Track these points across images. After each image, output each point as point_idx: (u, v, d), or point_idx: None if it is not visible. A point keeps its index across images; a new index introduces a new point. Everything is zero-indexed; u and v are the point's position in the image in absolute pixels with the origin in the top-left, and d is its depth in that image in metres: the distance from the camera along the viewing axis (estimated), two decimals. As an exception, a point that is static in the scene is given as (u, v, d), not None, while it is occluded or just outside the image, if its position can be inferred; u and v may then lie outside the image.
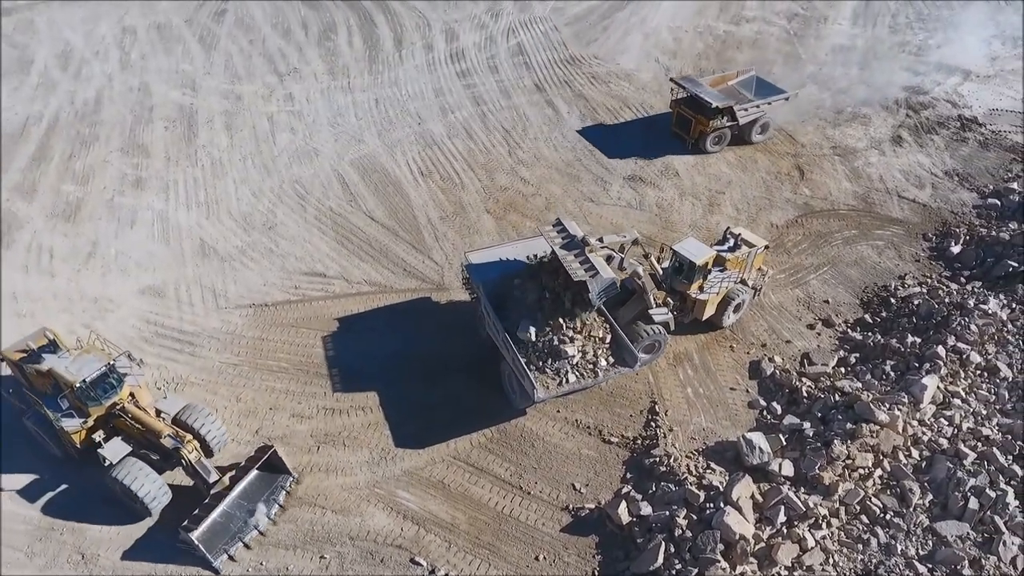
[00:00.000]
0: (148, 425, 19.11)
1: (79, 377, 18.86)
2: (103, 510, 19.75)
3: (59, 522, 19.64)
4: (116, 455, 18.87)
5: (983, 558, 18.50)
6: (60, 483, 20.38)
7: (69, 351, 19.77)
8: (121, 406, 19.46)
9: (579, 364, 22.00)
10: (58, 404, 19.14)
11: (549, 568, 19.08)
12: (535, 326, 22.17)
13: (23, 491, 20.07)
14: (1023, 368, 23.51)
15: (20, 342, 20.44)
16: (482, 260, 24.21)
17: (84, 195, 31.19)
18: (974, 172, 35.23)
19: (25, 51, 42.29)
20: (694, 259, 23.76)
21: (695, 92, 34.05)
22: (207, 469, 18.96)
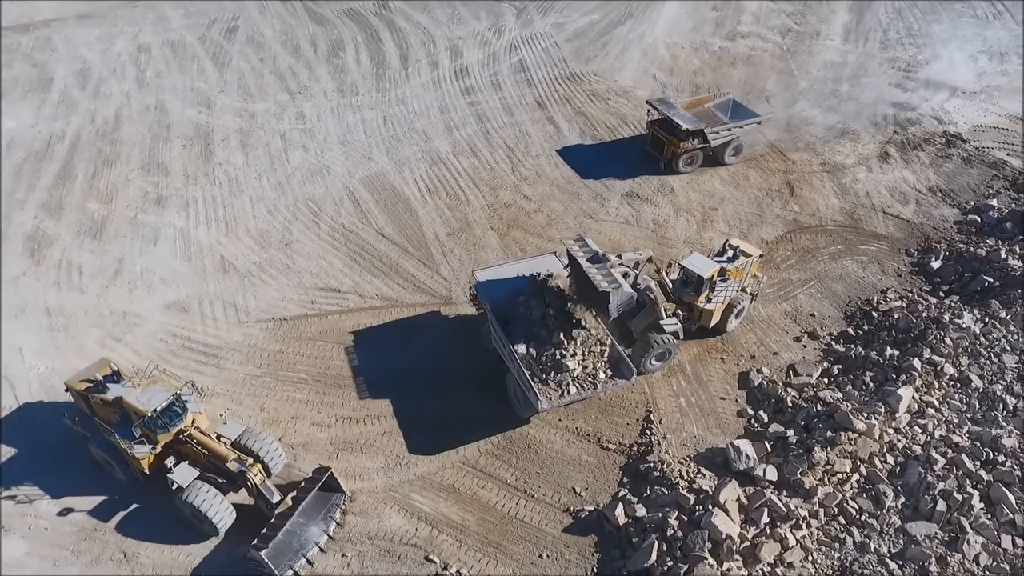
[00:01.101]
0: (213, 450, 20.66)
1: (150, 407, 20.18)
2: (171, 529, 21.20)
3: (131, 541, 21.09)
4: (185, 479, 20.31)
5: (949, 556, 20.35)
6: (130, 504, 21.86)
7: (131, 380, 21.27)
8: (187, 433, 20.92)
9: (579, 377, 23.87)
10: (128, 432, 20.55)
11: (552, 565, 20.93)
12: (536, 341, 24.13)
13: (94, 511, 21.59)
14: (994, 379, 25.37)
15: (82, 372, 21.94)
16: (489, 278, 26.02)
17: (108, 213, 33.02)
18: (957, 188, 37.08)
19: (44, 69, 44.12)
20: (702, 273, 25.74)
21: (668, 114, 35.74)
22: (271, 491, 20.42)
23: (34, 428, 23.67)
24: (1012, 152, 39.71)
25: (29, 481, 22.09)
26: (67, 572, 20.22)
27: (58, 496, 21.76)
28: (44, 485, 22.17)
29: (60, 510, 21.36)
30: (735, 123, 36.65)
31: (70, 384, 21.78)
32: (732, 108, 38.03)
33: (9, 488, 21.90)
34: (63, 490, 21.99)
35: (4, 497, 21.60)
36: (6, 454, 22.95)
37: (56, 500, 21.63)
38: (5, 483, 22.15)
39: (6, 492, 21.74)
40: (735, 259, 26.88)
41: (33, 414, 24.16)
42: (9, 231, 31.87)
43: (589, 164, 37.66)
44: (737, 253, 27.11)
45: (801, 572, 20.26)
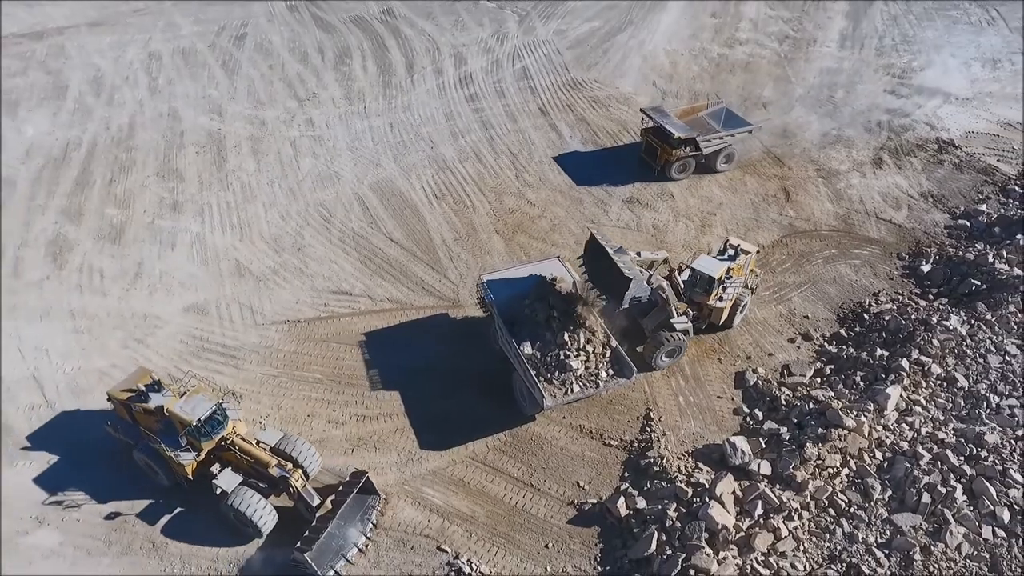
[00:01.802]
0: (255, 457, 21.66)
1: (194, 416, 21.17)
2: (215, 531, 22.27)
3: (173, 542, 22.20)
4: (230, 485, 21.33)
5: (932, 545, 21.64)
6: (174, 507, 22.99)
7: (171, 389, 22.32)
8: (230, 440, 22.03)
9: (582, 376, 25.19)
10: (172, 439, 21.67)
11: (557, 555, 22.22)
12: (541, 342, 25.54)
13: (141, 514, 22.74)
14: (978, 379, 26.66)
15: (123, 382, 23.04)
16: (496, 281, 27.33)
17: (127, 218, 34.32)
18: (948, 193, 38.36)
19: (59, 77, 45.46)
20: (712, 273, 27.20)
21: (661, 122, 37.04)
22: (311, 495, 21.39)
23: (71, 434, 24.89)
24: (1002, 158, 40.97)
25: (73, 486, 23.17)
26: (99, 561, 21.47)
27: (104, 500, 22.88)
28: (88, 490, 23.23)
29: (108, 514, 22.50)
30: (727, 132, 37.86)
31: (112, 393, 22.79)
32: (725, 117, 39.18)
33: (55, 493, 23.00)
34: (107, 494, 23.07)
35: (50, 502, 22.69)
36: (48, 460, 24.03)
37: (103, 504, 22.75)
38: (49, 488, 23.26)
39: (52, 497, 22.83)
40: (736, 257, 28.36)
41: (69, 420, 25.40)
42: (30, 236, 33.17)
43: (591, 170, 38.94)
44: (738, 251, 28.60)
45: (793, 561, 21.56)
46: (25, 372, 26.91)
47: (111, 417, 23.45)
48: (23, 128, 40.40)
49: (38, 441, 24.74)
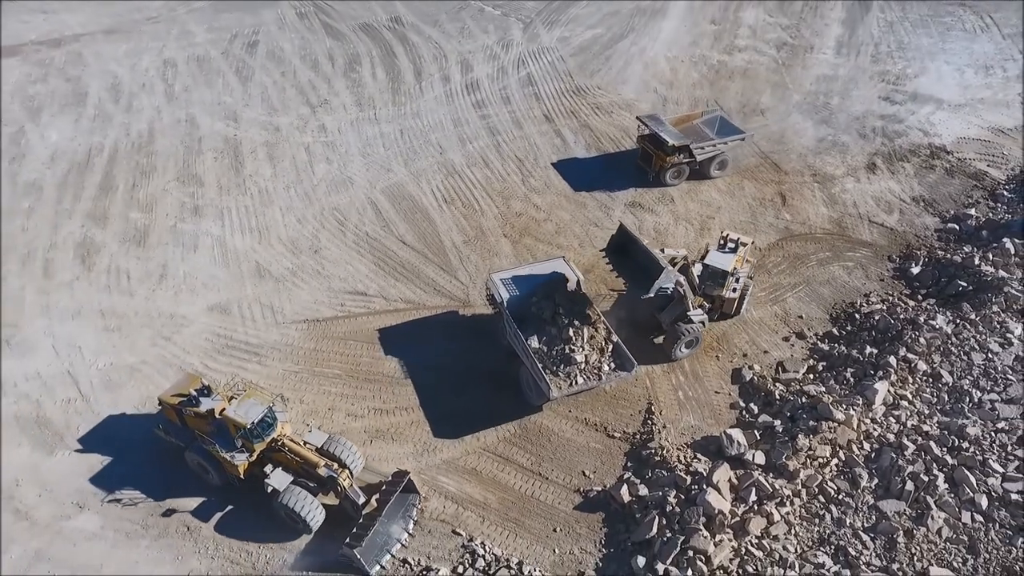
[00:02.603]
0: (305, 457, 22.94)
1: (248, 420, 22.41)
2: (267, 527, 23.63)
3: (206, 526, 23.79)
4: (281, 484, 22.69)
5: (915, 529, 23.31)
6: (226, 505, 24.42)
7: (220, 393, 23.75)
8: (281, 442, 23.30)
9: (585, 369, 26.98)
10: (226, 441, 22.97)
11: (564, 538, 23.92)
12: (548, 337, 27.43)
13: (194, 512, 24.14)
14: (962, 375, 28.36)
15: (172, 387, 24.44)
16: (504, 280, 29.11)
17: (150, 222, 36.04)
18: (938, 198, 40.06)
19: (78, 84, 47.20)
20: (725, 267, 29.42)
21: (656, 130, 38.72)
22: (358, 493, 22.69)
23: (107, 425, 26.61)
24: (992, 163, 42.67)
25: (128, 486, 24.67)
26: (138, 543, 23.17)
27: (160, 499, 24.39)
28: (129, 478, 24.84)
29: (164, 511, 24.01)
30: (720, 139, 39.48)
31: (163, 398, 23.96)
32: (719, 124, 40.72)
33: (112, 492, 24.51)
34: (161, 492, 24.60)
35: (109, 500, 24.20)
36: (101, 462, 25.56)
37: (159, 502, 24.27)
38: (88, 476, 24.92)
39: (110, 496, 24.33)
40: (736, 249, 30.38)
41: (104, 411, 27.14)
42: (59, 239, 34.88)
43: (594, 175, 40.65)
44: (737, 244, 30.66)
45: (785, 544, 23.26)
46: (60, 368, 28.62)
47: (159, 420, 24.79)
48: (47, 134, 42.15)
49: (74, 432, 26.43)
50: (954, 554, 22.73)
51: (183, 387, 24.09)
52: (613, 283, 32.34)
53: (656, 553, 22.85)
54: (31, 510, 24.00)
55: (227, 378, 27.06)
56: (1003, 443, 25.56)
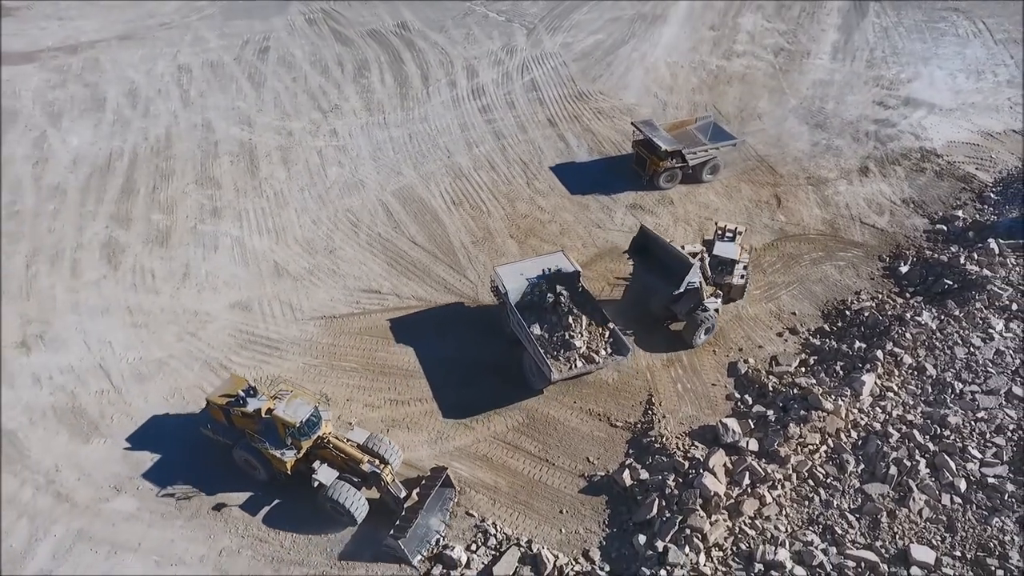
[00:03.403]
0: (349, 454, 24.47)
1: (297, 419, 23.83)
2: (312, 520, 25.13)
3: (236, 508, 25.51)
4: (327, 479, 24.27)
5: (897, 510, 25.17)
6: (272, 499, 25.88)
7: (265, 394, 25.46)
8: (326, 439, 24.78)
9: (584, 353, 29.12)
10: (272, 439, 24.42)
11: (570, 519, 25.79)
12: (548, 324, 29.77)
13: (243, 506, 25.62)
14: (945, 368, 30.25)
15: (219, 388, 25.96)
16: (508, 272, 31.27)
17: (171, 223, 37.92)
18: (928, 200, 41.96)
19: (96, 89, 49.09)
20: (734, 256, 32.07)
21: (649, 135, 40.65)
22: (399, 488, 24.19)
23: (139, 416, 28.44)
24: (981, 166, 44.60)
25: (180, 480, 26.23)
26: (172, 523, 25.03)
27: (211, 493, 25.98)
28: (175, 474, 26.42)
29: (215, 505, 25.63)
30: (712, 145, 41.34)
31: (210, 398, 25.43)
32: (712, 130, 42.49)
33: (165, 487, 26.09)
34: (213, 487, 26.19)
35: (164, 494, 25.81)
36: (151, 459, 27.20)
37: (211, 497, 25.86)
38: (123, 461, 26.70)
39: (163, 491, 25.94)
40: (735, 238, 32.83)
41: (135, 401, 29.01)
42: (84, 240, 36.74)
43: (596, 178, 42.54)
44: (735, 233, 33.11)
45: (776, 524, 25.15)
46: (92, 362, 30.47)
47: (206, 420, 26.27)
48: (68, 138, 44.03)
49: (108, 421, 28.28)
50: (933, 532, 24.58)
51: (229, 388, 25.63)
52: (619, 273, 34.43)
53: (656, 532, 24.73)
54: (71, 493, 25.84)
55: (269, 378, 28.98)
56: (982, 431, 27.45)
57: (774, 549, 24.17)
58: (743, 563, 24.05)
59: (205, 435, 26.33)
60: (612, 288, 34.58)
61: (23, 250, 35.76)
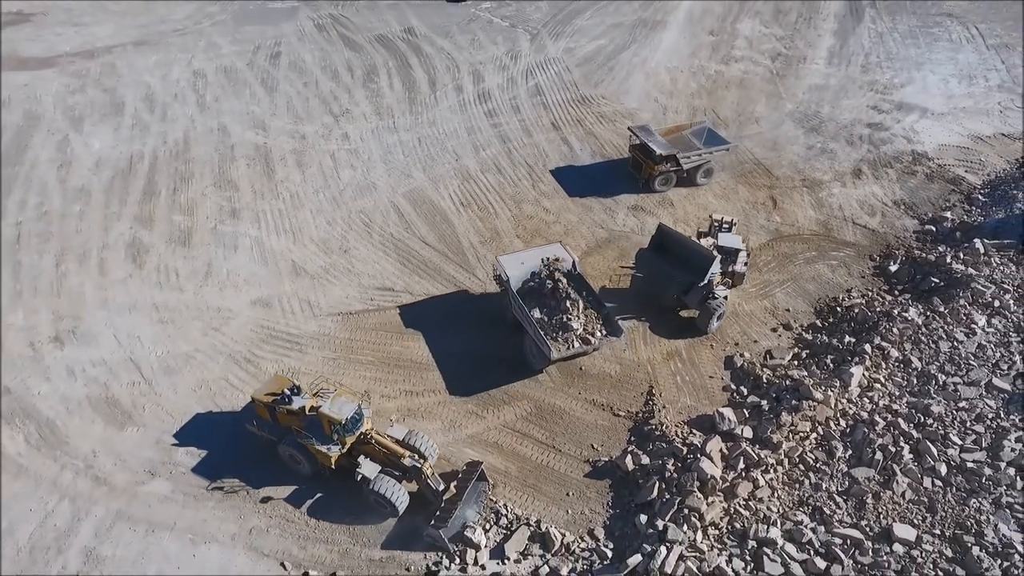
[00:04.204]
0: (391, 449, 25.99)
1: (343, 416, 25.38)
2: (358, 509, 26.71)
3: (321, 522, 26.51)
4: (371, 472, 25.80)
5: (882, 492, 27.15)
6: (316, 492, 27.44)
7: (308, 392, 26.97)
8: (369, 435, 26.32)
9: (581, 335, 31.42)
10: (317, 436, 25.99)
11: (576, 501, 27.78)
12: (547, 309, 32.16)
13: (289, 498, 27.18)
14: (930, 361, 32.25)
15: (263, 387, 27.57)
16: (509, 261, 33.76)
17: (192, 224, 39.92)
18: (918, 201, 43.98)
19: (114, 94, 51.11)
20: (738, 246, 34.69)
21: (645, 140, 42.69)
22: (438, 481, 25.74)
23: (182, 416, 30.33)
24: (970, 169, 46.63)
25: (228, 474, 27.96)
26: (204, 504, 27.01)
27: (259, 486, 27.59)
28: (243, 477, 27.96)
29: (262, 498, 27.27)
30: (706, 149, 43.36)
31: (256, 396, 27.03)
32: (707, 135, 44.48)
33: (214, 480, 27.79)
34: (261, 480, 27.84)
35: (213, 487, 27.49)
36: (183, 446, 29.07)
37: (258, 490, 27.49)
38: (191, 468, 28.35)
39: (213, 484, 27.62)
40: (731, 229, 35.45)
41: (166, 392, 31.00)
42: (110, 240, 38.73)
43: (599, 181, 44.56)
44: (731, 224, 35.62)
45: (768, 505, 27.14)
46: (123, 356, 32.44)
47: (251, 417, 27.97)
48: (90, 142, 46.04)
49: (140, 411, 30.26)
50: (915, 512, 26.55)
51: (273, 387, 27.36)
52: (620, 271, 36.61)
53: (656, 512, 26.70)
54: (109, 477, 27.81)
55: (290, 370, 31.01)
56: (963, 420, 29.41)
57: (766, 528, 26.14)
58: (737, 540, 26.02)
59: (250, 432, 27.97)
60: (619, 279, 36.91)
61: (53, 249, 37.77)
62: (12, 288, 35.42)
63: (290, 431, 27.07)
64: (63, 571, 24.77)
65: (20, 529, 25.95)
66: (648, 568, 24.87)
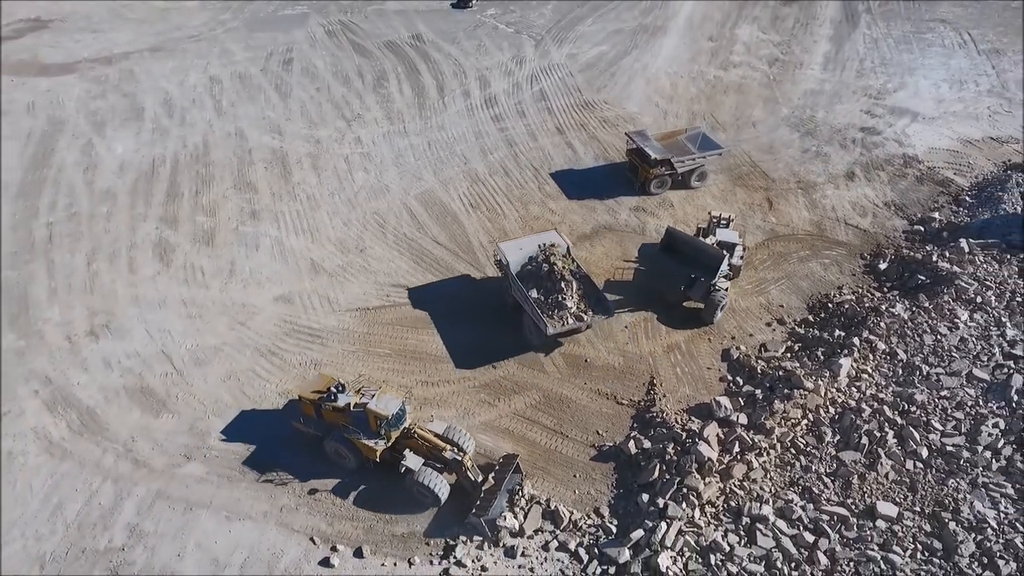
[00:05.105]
0: (433, 443, 27.95)
1: (389, 412, 27.38)
2: (400, 500, 28.67)
3: (366, 512, 28.41)
4: (415, 464, 27.74)
5: (867, 473, 29.52)
6: (360, 484, 29.37)
7: (352, 390, 29.04)
8: (413, 430, 28.34)
9: (574, 313, 34.34)
10: (364, 431, 27.98)
11: (583, 482, 30.12)
12: (544, 289, 34.98)
13: (335, 489, 29.05)
14: (915, 353, 34.61)
15: (307, 385, 29.31)
16: (509, 247, 36.79)
17: (215, 225, 42.28)
18: (908, 203, 46.36)
19: (134, 100, 53.50)
20: (737, 241, 37.66)
21: (641, 145, 45.07)
22: (477, 473, 27.87)
23: (212, 404, 32.74)
24: (958, 171, 49.01)
25: (260, 458, 30.25)
26: (238, 485, 29.34)
27: (304, 479, 29.59)
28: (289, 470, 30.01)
29: (309, 490, 29.02)
30: (699, 154, 45.66)
31: (302, 394, 28.78)
32: (701, 140, 46.60)
33: (265, 473, 29.86)
34: (306, 473, 29.89)
35: (263, 480, 29.54)
36: (215, 432, 31.34)
37: (303, 483, 29.45)
38: (226, 453, 30.58)
39: (263, 477, 29.66)
40: (728, 225, 38.09)
41: (223, 401, 33.26)
42: (137, 239, 41.09)
43: (602, 183, 46.93)
44: (729, 220, 38.48)
45: (762, 485, 29.50)
46: (155, 348, 34.78)
47: (296, 414, 30.00)
48: (113, 146, 48.43)
49: (173, 400, 32.59)
50: (897, 492, 28.90)
51: (317, 385, 29.36)
52: (627, 256, 39.82)
53: (657, 491, 29.06)
54: (147, 460, 30.14)
55: (312, 362, 33.43)
56: (944, 407, 31.75)
57: (759, 505, 28.48)
58: (732, 517, 28.37)
59: (296, 428, 30.03)
60: (622, 273, 39.61)
61: (84, 248, 40.13)
62: (47, 285, 37.77)
63: (336, 427, 28.98)
64: (110, 544, 27.10)
65: (68, 507, 28.28)
66: (650, 542, 27.23)
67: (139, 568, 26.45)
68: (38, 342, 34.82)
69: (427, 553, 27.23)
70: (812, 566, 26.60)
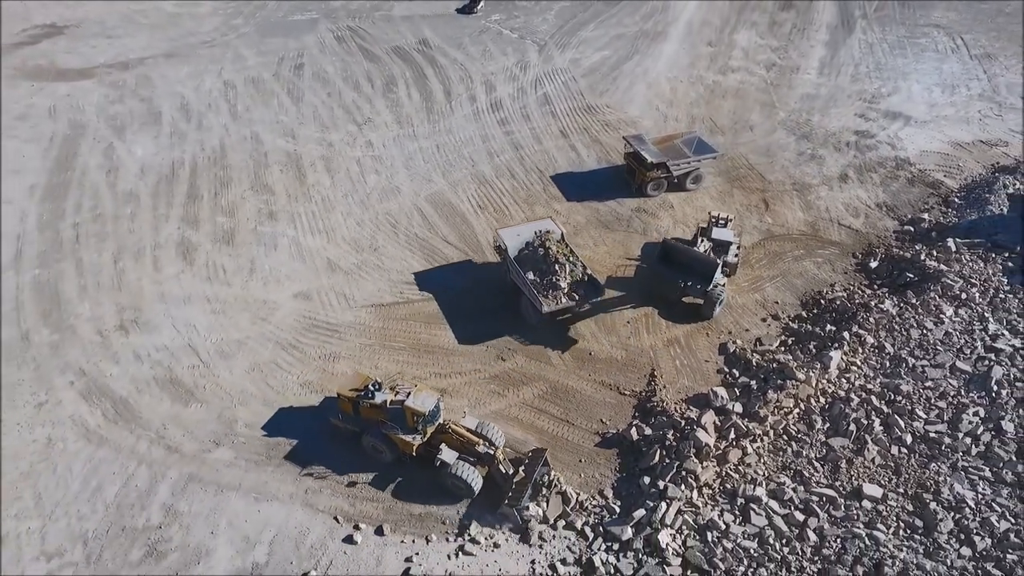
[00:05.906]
0: (467, 438, 29.92)
1: (426, 408, 29.32)
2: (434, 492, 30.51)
3: (401, 503, 30.22)
4: (451, 458, 29.45)
5: (855, 458, 31.79)
6: (397, 477, 31.20)
7: (389, 388, 30.47)
8: (448, 426, 30.13)
9: (568, 293, 37.04)
10: (401, 427, 29.78)
11: (588, 466, 32.37)
12: (540, 272, 37.67)
13: (373, 482, 30.91)
14: (901, 347, 36.89)
15: (345, 383, 31.11)
16: (508, 233, 39.61)
17: (234, 225, 44.56)
18: (899, 204, 48.64)
19: (152, 104, 55.78)
20: (733, 240, 39.95)
21: (638, 148, 47.31)
22: (509, 466, 29.66)
23: (227, 385, 35.05)
24: (948, 174, 51.30)
25: (316, 462, 31.87)
26: (264, 468, 31.57)
27: (343, 472, 31.46)
28: (328, 464, 31.76)
29: (348, 482, 30.81)
30: (695, 157, 47.86)
31: (340, 392, 30.57)
32: (696, 144, 48.75)
33: (307, 466, 31.70)
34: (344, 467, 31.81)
35: (304, 474, 31.39)
36: (242, 421, 33.43)
37: (343, 476, 31.33)
38: (252, 441, 32.65)
39: (305, 471, 31.56)
40: (726, 224, 40.35)
41: (248, 392, 35.54)
42: (160, 239, 43.36)
43: (604, 185, 49.20)
44: (727, 220, 40.81)
45: (756, 469, 31.77)
46: (182, 342, 37.04)
47: (335, 411, 31.88)
48: (133, 149, 50.71)
49: (201, 390, 34.85)
50: (883, 475, 31.18)
51: (354, 383, 31.26)
52: (629, 253, 42.26)
53: (658, 474, 31.34)
54: (179, 446, 32.39)
55: (331, 356, 35.76)
56: (928, 397, 34.03)
57: (753, 487, 30.78)
58: (728, 498, 30.67)
59: (334, 425, 31.95)
60: (624, 269, 41.93)
61: (110, 248, 42.39)
62: (77, 283, 40.03)
63: (373, 423, 30.90)
64: (147, 523, 29.36)
65: (107, 489, 30.53)
66: (651, 521, 29.53)
67: (176, 544, 28.71)
68: (71, 336, 37.08)
69: (443, 531, 29.49)
70: (802, 543, 28.85)
